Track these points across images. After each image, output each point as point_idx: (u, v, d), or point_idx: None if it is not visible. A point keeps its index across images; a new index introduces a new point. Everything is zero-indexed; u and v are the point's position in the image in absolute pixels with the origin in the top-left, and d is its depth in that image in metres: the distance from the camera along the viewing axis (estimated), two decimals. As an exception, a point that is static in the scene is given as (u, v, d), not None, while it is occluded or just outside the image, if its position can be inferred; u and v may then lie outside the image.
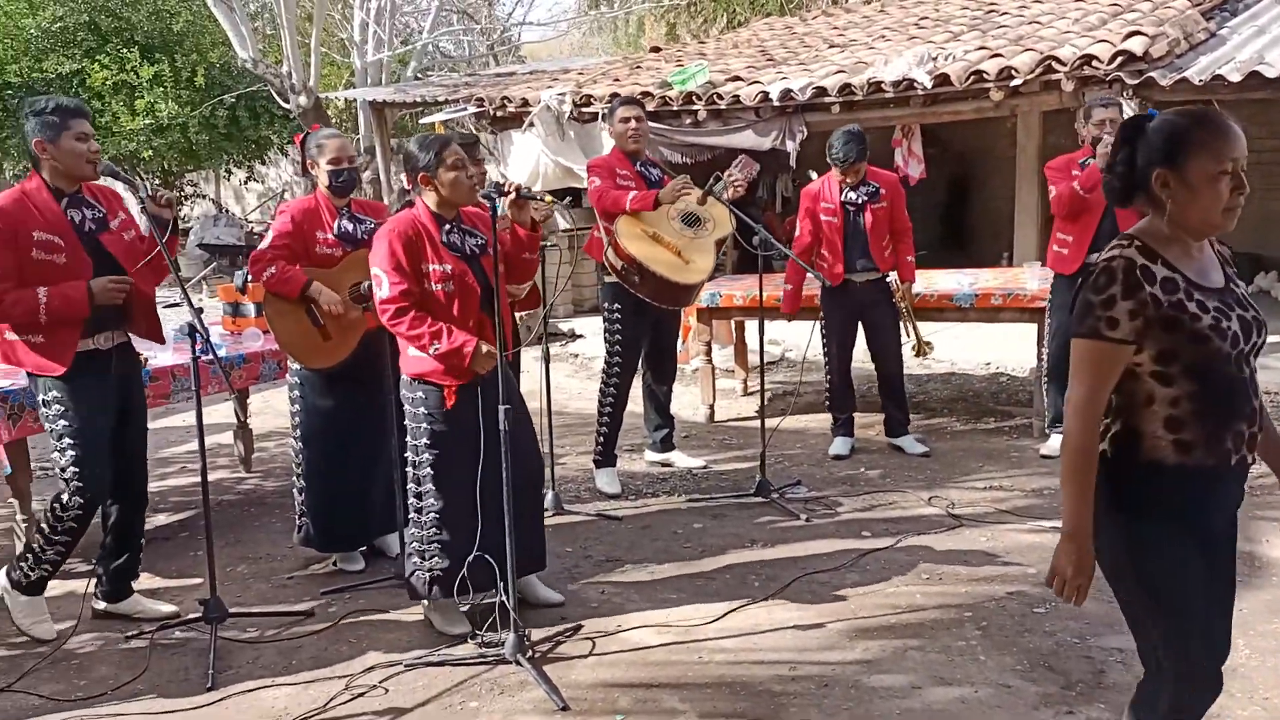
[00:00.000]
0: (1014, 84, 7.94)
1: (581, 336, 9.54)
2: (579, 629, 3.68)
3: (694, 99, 9.20)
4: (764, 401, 5.34)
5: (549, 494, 4.73)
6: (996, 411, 6.54)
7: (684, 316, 5.81)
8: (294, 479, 4.34)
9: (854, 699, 3.14)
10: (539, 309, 4.98)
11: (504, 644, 3.40)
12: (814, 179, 5.73)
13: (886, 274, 5.64)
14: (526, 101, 10.13)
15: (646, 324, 5.17)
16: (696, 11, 18.77)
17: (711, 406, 6.72)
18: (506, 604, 3.43)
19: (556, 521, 4.72)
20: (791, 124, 8.95)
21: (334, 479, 4.23)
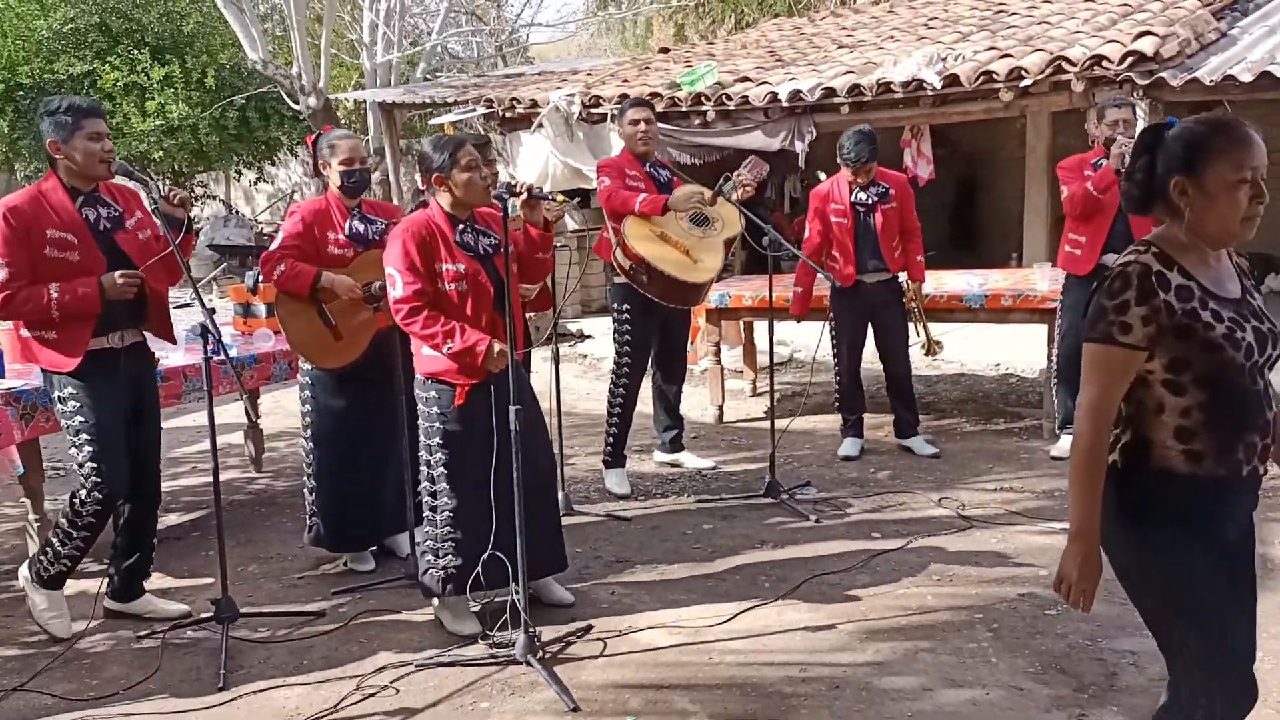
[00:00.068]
0: (1024, 84, 7.92)
1: (590, 337, 9.54)
2: (589, 629, 3.68)
3: (703, 100, 9.19)
4: (773, 402, 5.33)
5: (559, 494, 4.73)
6: (1006, 413, 6.53)
7: (693, 317, 5.80)
8: (305, 479, 4.35)
9: (865, 701, 3.13)
10: (548, 310, 4.98)
11: (515, 644, 3.41)
12: (823, 180, 5.73)
13: (897, 274, 5.64)
14: (535, 102, 10.14)
15: (655, 324, 5.16)
16: (705, 12, 18.78)
17: (720, 407, 6.72)
18: (518, 604, 3.43)
19: (566, 522, 4.68)
20: (800, 125, 8.94)
21: (345, 479, 4.24)
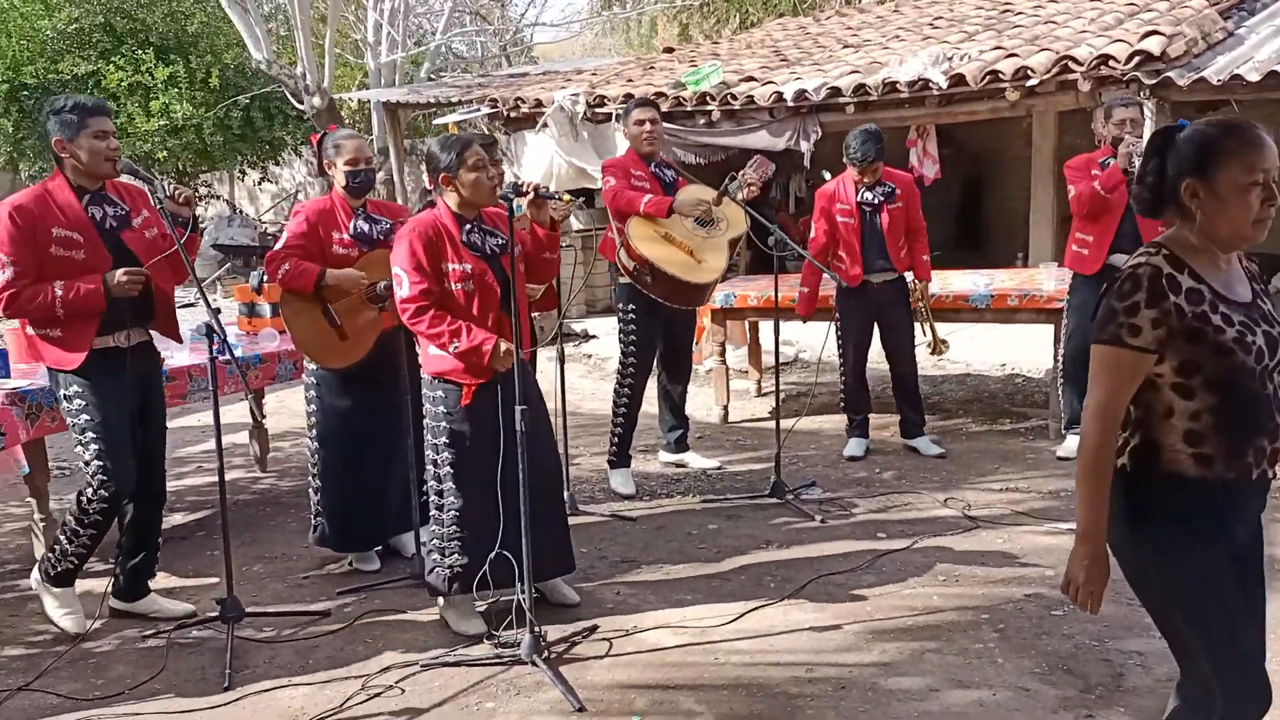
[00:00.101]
0: (1030, 84, 7.89)
1: (595, 337, 9.54)
2: (595, 629, 3.68)
3: (708, 99, 9.18)
4: (779, 402, 5.33)
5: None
6: (1012, 413, 6.51)
7: (698, 317, 5.79)
8: (310, 479, 4.35)
9: (871, 701, 3.13)
10: (553, 310, 4.98)
11: (520, 644, 3.41)
12: (828, 179, 5.72)
13: (903, 274, 5.63)
14: (540, 102, 10.13)
15: (660, 324, 5.15)
16: (709, 12, 18.77)
17: (726, 407, 6.71)
18: (523, 604, 3.43)
19: (572, 522, 4.67)
20: (805, 124, 8.92)
21: (350, 479, 4.24)
